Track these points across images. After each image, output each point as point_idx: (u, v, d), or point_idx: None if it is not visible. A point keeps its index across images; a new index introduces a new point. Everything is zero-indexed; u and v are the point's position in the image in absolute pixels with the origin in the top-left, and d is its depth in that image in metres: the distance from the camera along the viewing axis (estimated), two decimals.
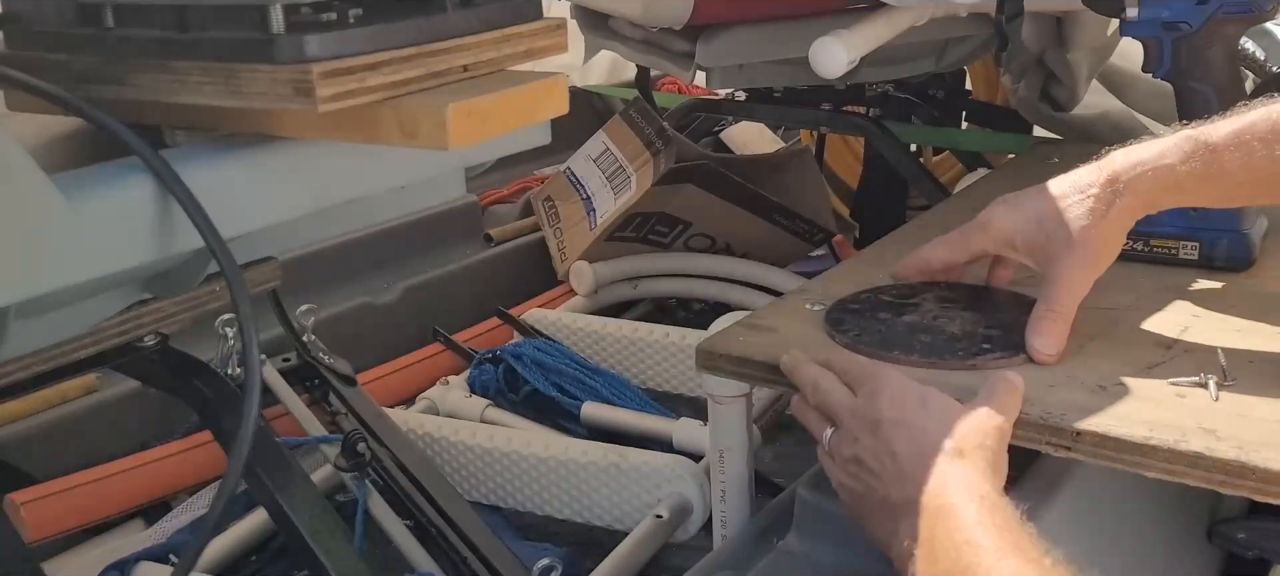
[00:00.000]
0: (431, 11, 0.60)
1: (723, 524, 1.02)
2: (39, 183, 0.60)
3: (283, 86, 0.55)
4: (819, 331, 0.96)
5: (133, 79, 0.62)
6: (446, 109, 0.56)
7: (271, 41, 0.55)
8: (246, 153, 0.73)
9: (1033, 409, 0.79)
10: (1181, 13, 1.02)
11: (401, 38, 0.58)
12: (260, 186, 0.73)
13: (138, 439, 1.35)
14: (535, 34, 0.65)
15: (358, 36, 0.57)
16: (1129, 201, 0.85)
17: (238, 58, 0.57)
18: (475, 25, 0.61)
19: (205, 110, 0.61)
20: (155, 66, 0.61)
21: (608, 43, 1.90)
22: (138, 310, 0.86)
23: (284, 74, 0.55)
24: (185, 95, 0.60)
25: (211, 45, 0.58)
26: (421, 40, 0.59)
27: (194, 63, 0.59)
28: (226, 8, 0.58)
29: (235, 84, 0.58)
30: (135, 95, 0.62)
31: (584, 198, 1.89)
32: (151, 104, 0.63)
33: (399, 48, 0.58)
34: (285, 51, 0.55)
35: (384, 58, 0.57)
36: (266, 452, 1.06)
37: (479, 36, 0.62)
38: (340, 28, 0.57)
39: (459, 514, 1.15)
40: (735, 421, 0.99)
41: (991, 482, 0.70)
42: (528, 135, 0.89)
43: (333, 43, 0.56)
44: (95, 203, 0.64)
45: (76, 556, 1.18)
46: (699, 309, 1.84)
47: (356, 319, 1.66)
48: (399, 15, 0.59)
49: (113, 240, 0.66)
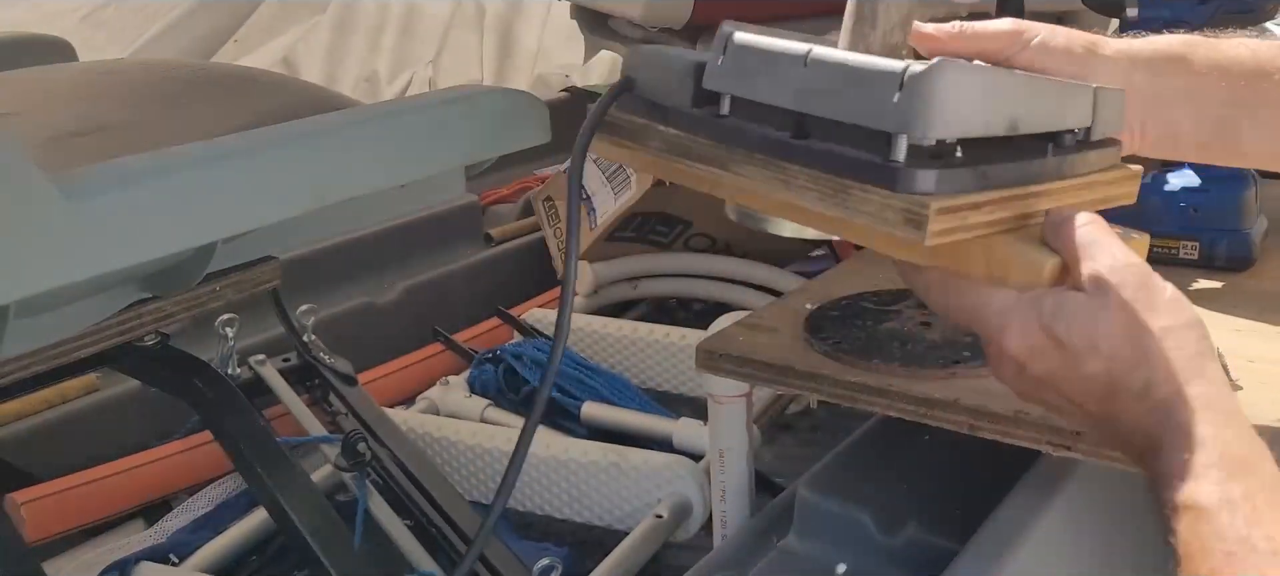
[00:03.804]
0: (1030, 156, 0.62)
1: (723, 524, 1.02)
2: (38, 182, 0.61)
3: (893, 213, 0.57)
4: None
5: (737, 166, 0.66)
6: (1045, 265, 0.59)
7: (894, 170, 0.57)
8: (247, 152, 0.73)
9: (1033, 408, 0.79)
10: (1182, 12, 1.02)
11: (1002, 180, 0.60)
12: (260, 186, 0.73)
13: (138, 439, 1.35)
14: (1110, 183, 0.66)
15: (966, 176, 0.58)
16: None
17: (852, 175, 0.60)
18: (1065, 172, 0.63)
19: (797, 209, 0.65)
20: (762, 161, 0.65)
21: (608, 43, 1.91)
22: (138, 310, 0.87)
23: (897, 202, 0.57)
24: (786, 195, 0.63)
25: (827, 158, 0.61)
26: (1017, 183, 0.61)
27: (804, 169, 0.62)
28: (851, 128, 0.60)
29: (843, 199, 0.60)
30: (734, 182, 0.67)
31: (584, 197, 1.89)
32: (748, 194, 0.67)
33: (999, 189, 0.59)
34: (906, 182, 0.57)
35: (985, 199, 0.58)
36: (266, 452, 1.06)
37: (1065, 182, 0.64)
38: (951, 166, 0.59)
39: (459, 514, 1.15)
40: (735, 421, 0.99)
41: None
42: (528, 133, 0.89)
43: (948, 180, 0.57)
44: (95, 201, 0.64)
45: (76, 556, 1.18)
46: (699, 309, 1.84)
47: (356, 319, 1.66)
48: (1002, 158, 0.60)
49: (112, 239, 0.66)
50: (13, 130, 0.82)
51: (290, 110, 0.89)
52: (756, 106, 0.67)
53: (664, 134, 0.71)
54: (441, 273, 1.83)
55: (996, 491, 0.86)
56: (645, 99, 0.73)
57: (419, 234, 1.90)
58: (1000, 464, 0.89)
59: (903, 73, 0.58)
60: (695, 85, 0.70)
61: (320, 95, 1.02)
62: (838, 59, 0.63)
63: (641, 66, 0.73)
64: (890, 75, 0.58)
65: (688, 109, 0.70)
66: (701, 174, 0.69)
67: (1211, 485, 0.52)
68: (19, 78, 1.07)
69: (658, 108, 0.72)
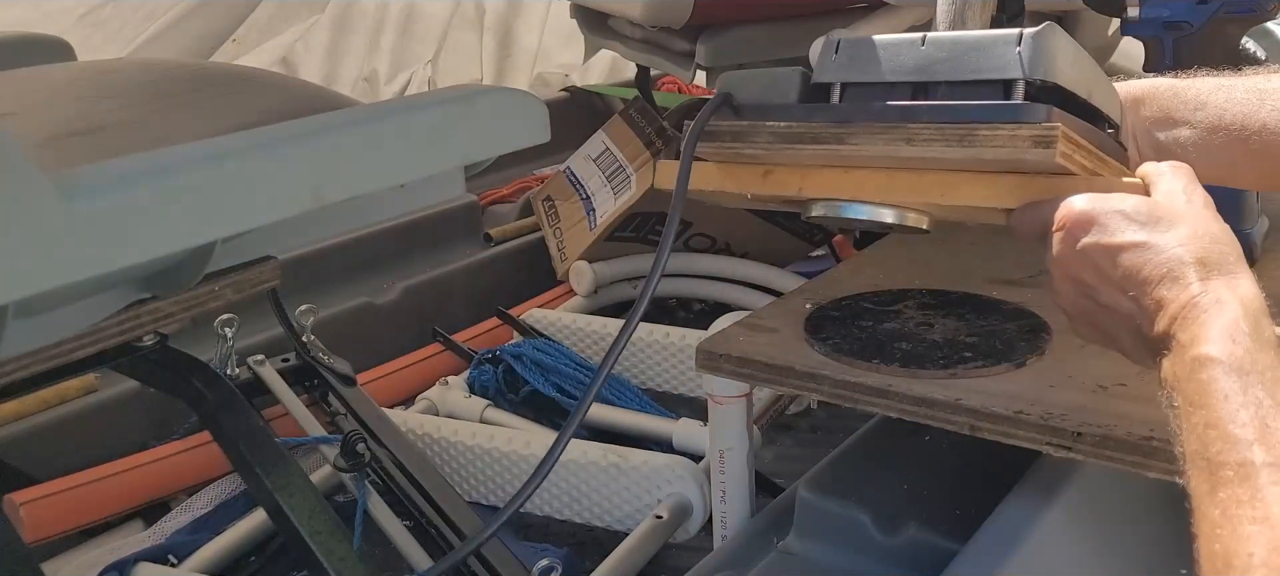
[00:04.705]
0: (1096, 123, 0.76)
1: (723, 524, 1.02)
2: (37, 181, 0.60)
3: (1022, 141, 0.69)
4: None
5: (855, 139, 0.75)
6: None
7: (1018, 106, 0.71)
8: (245, 152, 0.73)
9: (1033, 409, 0.79)
10: (1183, 12, 1.02)
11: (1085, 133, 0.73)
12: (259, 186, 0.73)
13: (137, 439, 1.35)
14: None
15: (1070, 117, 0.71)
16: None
17: (978, 119, 0.71)
18: (1109, 150, 0.76)
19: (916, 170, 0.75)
20: (882, 128, 0.75)
21: (608, 42, 1.91)
22: (137, 310, 0.86)
23: (1025, 131, 0.69)
24: (911, 150, 0.73)
25: (953, 110, 0.72)
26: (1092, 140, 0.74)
27: (929, 124, 0.73)
28: (966, 87, 0.73)
29: (971, 141, 0.71)
30: (853, 150, 0.75)
31: (584, 197, 1.89)
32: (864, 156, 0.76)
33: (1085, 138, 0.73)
34: (1031, 114, 0.69)
35: (1082, 140, 0.71)
36: (265, 453, 1.06)
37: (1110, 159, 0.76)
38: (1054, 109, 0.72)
39: (459, 514, 1.15)
40: (735, 421, 0.99)
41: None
42: (527, 133, 0.89)
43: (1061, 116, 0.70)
44: (94, 201, 0.64)
45: (76, 556, 1.18)
46: (699, 309, 1.84)
47: (356, 319, 1.66)
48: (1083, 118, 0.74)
49: (111, 239, 0.65)
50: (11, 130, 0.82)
51: (289, 110, 0.89)
52: (867, 88, 0.77)
53: (773, 128, 0.79)
54: (441, 273, 1.83)
55: (996, 491, 0.86)
56: (746, 105, 0.81)
57: (419, 234, 1.90)
58: (1000, 464, 0.89)
59: (1019, 33, 0.71)
60: (802, 84, 0.79)
61: (319, 95, 1.02)
62: (955, 35, 0.76)
63: (736, 83, 0.83)
64: (1009, 36, 0.72)
65: (796, 104, 0.79)
66: (817, 153, 0.77)
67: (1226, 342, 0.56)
68: (17, 77, 1.07)
69: (761, 109, 0.80)
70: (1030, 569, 0.79)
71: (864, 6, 1.49)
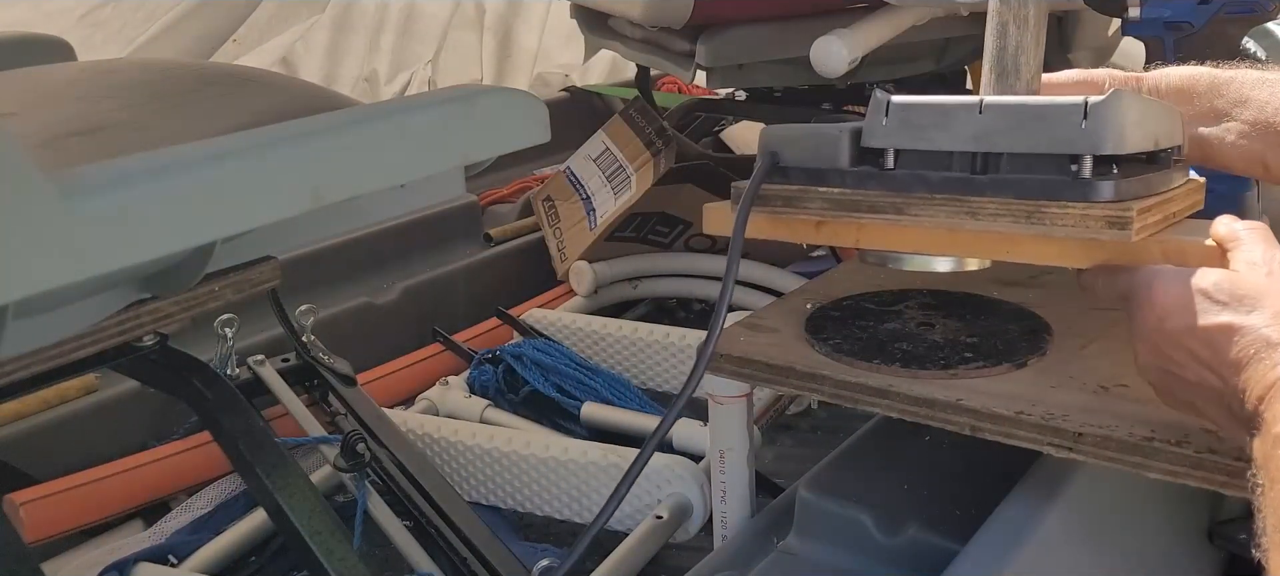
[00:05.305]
0: (1161, 167, 0.75)
1: (723, 524, 1.02)
2: (37, 181, 0.60)
3: (1094, 221, 0.68)
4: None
5: (915, 210, 0.74)
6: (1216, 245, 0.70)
7: (1086, 184, 0.68)
8: (245, 152, 0.73)
9: (1034, 410, 0.79)
10: (1184, 12, 1.02)
11: (1153, 187, 0.72)
12: (259, 186, 0.73)
13: (137, 439, 1.35)
14: (1191, 192, 0.80)
15: (1138, 184, 0.70)
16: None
17: (1045, 196, 0.69)
18: (1175, 181, 0.75)
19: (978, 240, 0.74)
20: (943, 200, 0.73)
21: (608, 43, 1.90)
22: (137, 310, 0.86)
23: (1097, 211, 0.68)
24: (974, 224, 0.71)
25: (1018, 185, 0.70)
26: (1161, 190, 0.74)
27: (994, 198, 0.71)
28: (1029, 159, 0.70)
29: (1038, 218, 0.69)
30: (913, 221, 0.74)
31: (584, 198, 1.89)
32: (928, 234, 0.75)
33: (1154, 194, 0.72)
34: (1101, 193, 0.68)
35: (1153, 201, 0.70)
36: (265, 453, 1.06)
37: (1176, 189, 0.76)
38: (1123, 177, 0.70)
39: (458, 514, 1.15)
40: (735, 421, 0.99)
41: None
42: (527, 133, 0.89)
43: (1130, 188, 0.69)
44: (93, 201, 0.64)
45: (76, 556, 1.18)
46: (699, 309, 1.84)
47: (356, 319, 1.66)
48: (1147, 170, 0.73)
49: (111, 239, 0.65)
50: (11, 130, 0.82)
51: (289, 110, 0.89)
52: (923, 156, 0.74)
53: (825, 194, 0.77)
54: (441, 273, 1.83)
55: (997, 492, 0.86)
56: (794, 168, 0.80)
57: (419, 234, 1.90)
58: (1001, 465, 0.88)
59: (1085, 103, 0.68)
60: (852, 147, 0.77)
61: (319, 95, 1.01)
62: (1015, 102, 0.73)
63: (781, 142, 0.80)
64: (1074, 106, 0.69)
65: (848, 168, 0.77)
66: (875, 224, 0.76)
67: None
68: (17, 77, 1.07)
69: (811, 173, 0.78)
70: (1031, 569, 0.79)
71: (864, 6, 1.49)
